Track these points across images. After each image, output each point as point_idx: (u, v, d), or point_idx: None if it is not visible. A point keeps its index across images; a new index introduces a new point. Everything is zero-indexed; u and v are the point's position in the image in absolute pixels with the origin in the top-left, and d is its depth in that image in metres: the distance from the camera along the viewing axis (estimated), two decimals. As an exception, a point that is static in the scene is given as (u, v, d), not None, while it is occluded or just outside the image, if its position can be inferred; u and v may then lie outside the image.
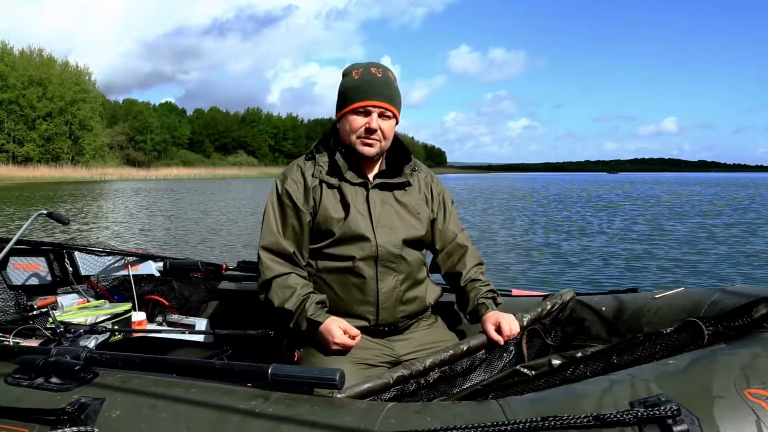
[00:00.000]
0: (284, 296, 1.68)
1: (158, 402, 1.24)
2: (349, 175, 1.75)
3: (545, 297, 2.03)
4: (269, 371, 1.20)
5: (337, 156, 1.75)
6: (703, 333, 1.28)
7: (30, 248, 2.35)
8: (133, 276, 2.37)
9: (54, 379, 1.33)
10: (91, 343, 1.90)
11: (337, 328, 1.64)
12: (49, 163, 49.59)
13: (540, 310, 1.89)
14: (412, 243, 1.79)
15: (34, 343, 1.84)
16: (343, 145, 1.77)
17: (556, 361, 1.47)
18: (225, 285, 2.61)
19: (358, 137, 1.73)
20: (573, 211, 18.58)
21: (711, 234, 12.04)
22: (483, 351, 1.80)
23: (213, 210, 18.75)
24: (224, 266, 2.54)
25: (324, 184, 1.75)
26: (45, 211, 2.35)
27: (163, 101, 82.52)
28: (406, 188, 1.83)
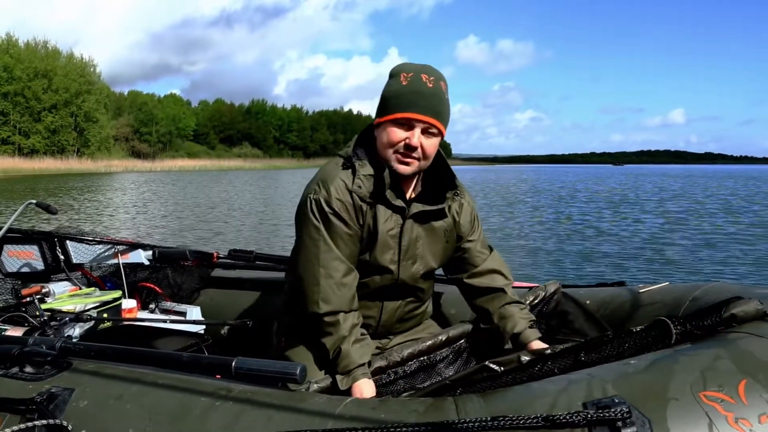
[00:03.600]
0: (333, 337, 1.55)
1: (125, 392, 1.27)
2: (389, 194, 1.57)
3: (530, 288, 2.02)
4: (233, 364, 1.21)
5: (386, 173, 1.55)
6: (672, 332, 1.25)
7: (22, 236, 2.40)
8: (126, 264, 2.41)
9: (28, 369, 1.36)
10: (76, 331, 1.94)
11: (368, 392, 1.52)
12: (55, 155, 49.80)
13: (523, 300, 1.87)
14: (431, 273, 1.74)
15: (20, 330, 1.88)
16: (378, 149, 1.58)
17: (525, 358, 1.45)
18: (217, 273, 2.65)
19: (395, 152, 1.54)
20: (581, 206, 18.10)
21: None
22: (463, 341, 1.83)
23: (213, 202, 18.86)
24: (215, 255, 2.56)
25: (363, 203, 1.56)
26: (34, 201, 2.39)
27: (168, 93, 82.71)
28: (443, 218, 1.68)
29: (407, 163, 1.56)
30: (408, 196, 1.64)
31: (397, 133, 1.53)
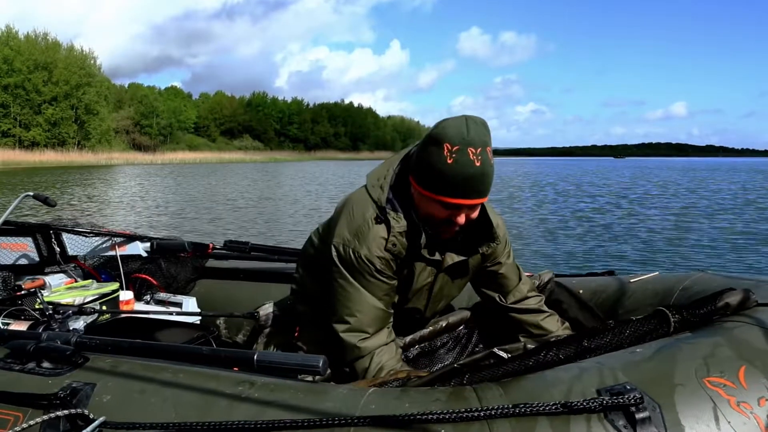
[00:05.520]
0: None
1: (148, 386, 1.28)
2: (424, 252, 1.56)
3: None
4: (254, 358, 1.23)
5: (423, 238, 1.53)
6: (670, 321, 1.31)
7: (16, 228, 2.37)
8: (121, 256, 2.40)
9: (45, 364, 1.36)
10: (80, 323, 1.93)
11: None
12: (56, 147, 49.60)
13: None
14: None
15: (23, 324, 1.87)
16: (416, 207, 1.54)
17: (530, 345, 1.55)
18: (212, 263, 2.66)
19: (436, 224, 1.53)
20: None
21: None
22: (462, 327, 1.89)
23: (211, 194, 18.87)
24: (211, 246, 2.57)
25: (399, 259, 1.55)
26: (31, 193, 2.36)
27: (169, 85, 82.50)
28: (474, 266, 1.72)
29: (449, 232, 1.55)
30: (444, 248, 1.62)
31: (442, 212, 1.49)
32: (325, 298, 1.66)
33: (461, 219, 1.49)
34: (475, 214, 1.54)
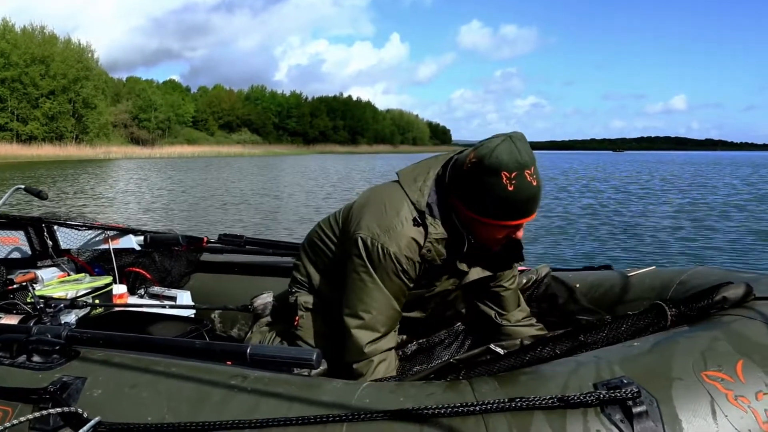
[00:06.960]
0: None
1: (140, 380, 1.26)
2: (463, 265, 1.58)
3: (521, 272, 2.03)
4: (248, 351, 1.21)
5: (467, 247, 1.53)
6: (667, 315, 1.30)
7: (8, 222, 2.35)
8: (114, 249, 2.38)
9: (35, 358, 1.35)
10: (72, 317, 1.91)
11: None
12: (53, 141, 49.45)
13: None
14: None
15: (14, 318, 1.86)
16: (465, 226, 1.53)
17: (527, 341, 1.49)
18: (206, 257, 2.64)
19: (494, 243, 1.56)
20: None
21: None
22: (460, 324, 1.86)
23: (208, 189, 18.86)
24: (205, 239, 2.55)
25: (427, 263, 1.55)
26: (23, 186, 2.34)
27: (167, 79, 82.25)
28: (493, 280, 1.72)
29: (499, 246, 1.58)
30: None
31: (503, 233, 1.51)
32: (334, 290, 1.65)
33: (521, 233, 1.53)
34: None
